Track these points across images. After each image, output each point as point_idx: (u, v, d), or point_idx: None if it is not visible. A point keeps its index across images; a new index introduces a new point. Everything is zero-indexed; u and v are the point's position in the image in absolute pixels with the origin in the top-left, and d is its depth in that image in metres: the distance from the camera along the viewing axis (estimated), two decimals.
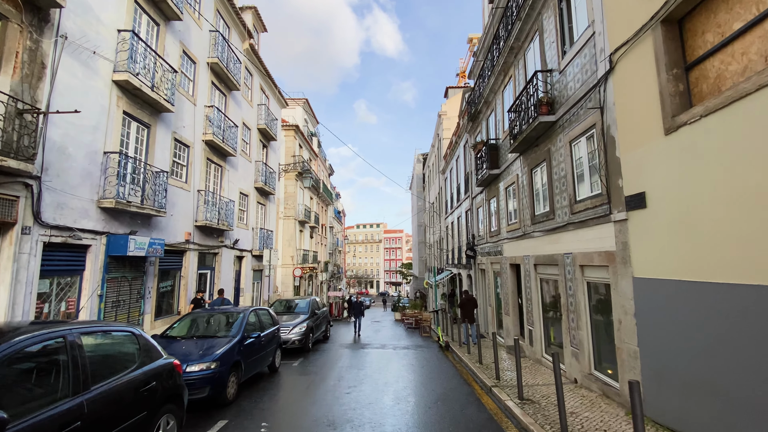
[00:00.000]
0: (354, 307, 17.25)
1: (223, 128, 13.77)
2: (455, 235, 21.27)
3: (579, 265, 6.91)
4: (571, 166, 7.21)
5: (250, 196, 16.65)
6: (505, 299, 11.71)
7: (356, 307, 17.08)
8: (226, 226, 13.57)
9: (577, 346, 7.02)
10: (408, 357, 11.17)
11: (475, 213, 15.98)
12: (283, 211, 24.50)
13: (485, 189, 14.04)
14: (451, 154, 22.79)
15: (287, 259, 24.22)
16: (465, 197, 18.09)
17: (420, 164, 46.23)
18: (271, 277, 19.54)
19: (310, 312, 12.71)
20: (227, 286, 14.24)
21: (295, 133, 25.22)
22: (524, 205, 9.80)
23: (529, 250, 9.50)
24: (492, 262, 13.15)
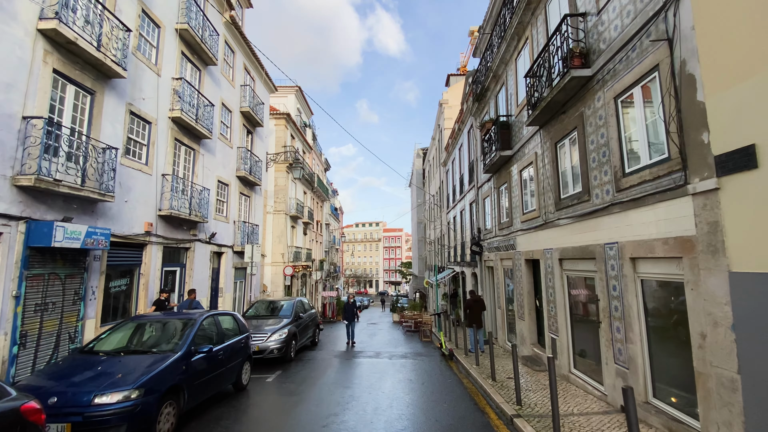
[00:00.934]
0: (346, 310, 14.57)
1: (197, 106, 12.11)
2: (458, 231, 19.61)
3: (629, 257, 5.25)
4: (617, 130, 5.54)
5: (231, 185, 14.98)
6: (519, 301, 10.06)
7: (348, 310, 14.47)
8: (199, 218, 11.92)
9: (625, 364, 5.37)
10: (406, 369, 9.52)
11: (481, 204, 14.33)
12: (273, 206, 22.83)
13: (494, 176, 12.38)
14: (453, 143, 21.13)
15: (277, 257, 22.56)
16: (469, 188, 16.44)
17: (420, 159, 44.59)
18: (258, 276, 17.89)
19: (294, 315, 11.05)
20: (202, 286, 12.58)
21: (286, 122, 23.55)
22: (545, 188, 8.14)
23: (551, 242, 7.84)
24: (502, 258, 11.49)
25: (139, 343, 5.79)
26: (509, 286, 11.35)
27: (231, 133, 15.17)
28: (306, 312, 12.36)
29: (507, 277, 11.51)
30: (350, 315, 14.46)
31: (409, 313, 19.54)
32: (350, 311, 14.56)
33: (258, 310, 11.57)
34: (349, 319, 14.39)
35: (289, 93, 26.71)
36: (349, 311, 14.55)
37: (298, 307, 11.71)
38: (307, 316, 12.27)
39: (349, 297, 15.49)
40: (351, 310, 14.59)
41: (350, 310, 14.60)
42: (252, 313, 11.42)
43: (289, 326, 10.49)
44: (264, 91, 19.19)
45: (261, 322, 10.57)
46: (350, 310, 14.58)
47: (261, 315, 11.23)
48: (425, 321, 15.68)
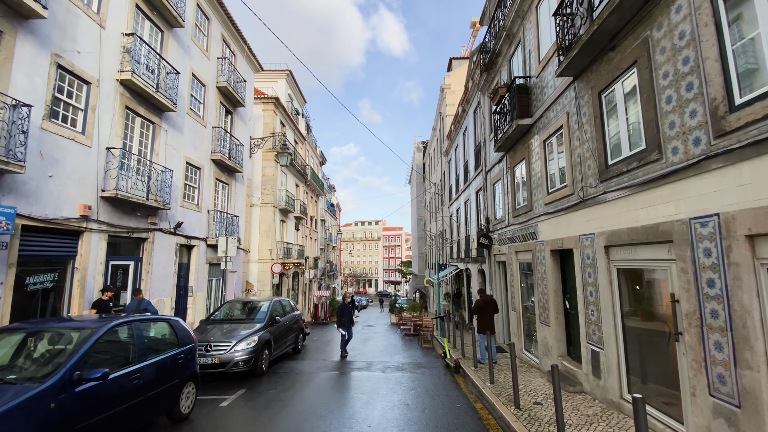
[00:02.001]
0: (341, 313, 11.18)
1: (157, 71, 10.27)
2: (461, 224, 17.74)
3: (743, 235, 3.39)
4: (716, 45, 3.68)
5: (204, 170, 13.13)
6: (541, 302, 8.19)
7: (345, 314, 11.14)
8: (160, 203, 10.08)
9: (733, 399, 3.51)
10: (402, 387, 7.65)
11: (490, 191, 12.46)
12: (260, 198, 20.97)
13: (507, 154, 10.51)
14: (456, 129, 19.27)
15: (265, 253, 20.71)
16: (475, 174, 14.58)
17: (420, 153, 42.74)
18: (239, 274, 16.05)
19: (268, 319, 9.19)
20: (165, 284, 10.73)
21: (275, 107, 21.69)
22: (583, 156, 6.28)
23: (593, 225, 5.98)
24: (518, 250, 9.63)
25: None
26: (527, 283, 9.49)
27: (205, 111, 13.31)
28: (286, 314, 10.50)
29: (524, 273, 9.65)
30: (347, 319, 11.14)
31: (408, 315, 17.68)
32: (347, 315, 11.23)
33: (226, 313, 9.70)
34: (345, 324, 11.02)
35: (279, 77, 24.85)
36: (346, 315, 11.19)
37: (274, 309, 9.85)
38: (287, 319, 10.40)
39: (345, 297, 12.26)
40: (348, 314, 11.32)
41: (347, 313, 11.27)
42: (218, 316, 9.55)
43: (261, 332, 8.62)
44: (247, 68, 17.33)
45: (227, 327, 8.70)
46: (347, 314, 11.25)
47: (229, 319, 9.36)
48: (426, 324, 13.81)
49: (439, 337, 14.18)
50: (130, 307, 8.19)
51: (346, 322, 11.16)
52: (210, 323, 9.07)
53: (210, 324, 9.02)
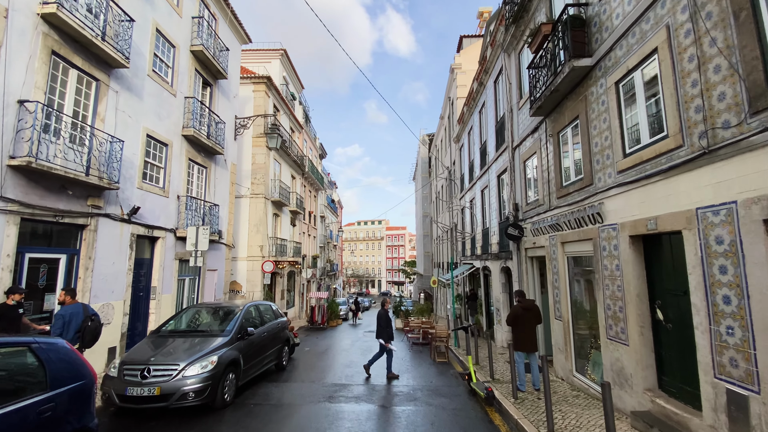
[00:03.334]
0: (388, 324, 8.88)
1: (103, 14, 8.08)
2: (477, 216, 15.45)
3: None
4: None
5: (173, 147, 10.91)
6: (611, 310, 5.89)
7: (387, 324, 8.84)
8: (105, 182, 7.89)
9: None
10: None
11: (520, 170, 10.18)
12: (250, 188, 18.77)
13: (547, 118, 8.22)
14: (469, 110, 16.99)
15: (254, 250, 18.50)
16: (497, 155, 12.29)
17: (425, 146, 40.41)
18: (222, 272, 13.83)
19: (237, 331, 6.93)
20: (114, 285, 8.53)
21: (266, 88, 19.49)
22: (710, 80, 3.99)
23: (732, 189, 3.70)
24: (566, 240, 7.33)
25: None
26: (582, 284, 7.19)
27: (174, 77, 11.10)
28: (265, 324, 8.23)
29: (576, 269, 7.36)
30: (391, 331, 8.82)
31: (416, 320, 15.39)
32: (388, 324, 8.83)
33: (182, 324, 7.42)
34: (389, 337, 8.71)
35: (273, 57, 22.65)
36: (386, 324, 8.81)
37: (247, 317, 7.58)
38: (266, 329, 8.14)
39: (386, 302, 9.48)
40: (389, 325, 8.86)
41: (388, 322, 8.86)
42: (173, 327, 7.28)
43: (225, 350, 6.38)
44: (231, 37, 15.10)
45: (179, 343, 6.46)
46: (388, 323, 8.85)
47: (184, 331, 7.09)
48: (439, 333, 11.50)
49: (455, 348, 11.90)
50: (75, 315, 5.96)
51: (390, 335, 8.79)
52: (159, 336, 6.83)
53: (159, 337, 6.78)
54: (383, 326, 8.82)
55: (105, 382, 5.89)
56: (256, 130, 19.09)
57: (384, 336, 8.75)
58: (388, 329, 8.80)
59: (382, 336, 8.78)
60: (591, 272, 6.65)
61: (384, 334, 8.76)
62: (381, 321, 8.92)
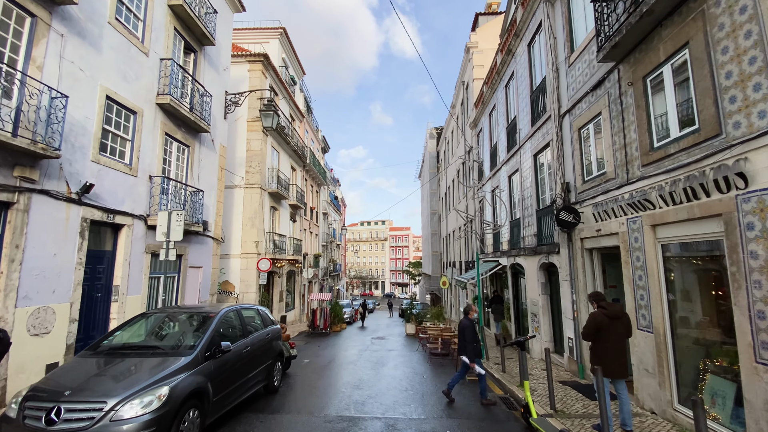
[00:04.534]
0: (474, 337, 6.87)
1: None
2: (503, 207, 13.44)
3: None
4: None
5: (144, 116, 8.98)
6: (765, 320, 3.86)
7: (473, 338, 6.86)
8: (40, 147, 5.97)
9: None
10: None
11: (572, 141, 8.17)
12: (244, 177, 16.84)
13: (625, 61, 6.20)
14: (490, 89, 15.01)
15: (249, 246, 16.55)
16: (533, 130, 10.30)
17: (433, 140, 38.46)
18: (208, 270, 11.87)
19: (205, 348, 4.92)
20: (55, 282, 6.58)
21: (263, 67, 17.58)
22: None
23: None
24: (661, 221, 5.31)
25: None
26: (692, 283, 5.17)
27: (147, 32, 9.17)
28: (248, 335, 6.23)
29: (678, 261, 5.33)
30: (471, 349, 6.82)
31: (434, 327, 13.36)
32: (475, 338, 6.88)
33: (132, 337, 5.41)
34: (470, 354, 6.80)
35: (271, 37, 20.75)
36: (473, 338, 6.85)
37: (222, 327, 5.58)
38: (249, 342, 6.14)
39: (470, 311, 7.10)
40: (473, 335, 6.88)
41: (475, 335, 6.91)
42: (117, 341, 5.25)
43: (184, 376, 4.39)
44: (221, 1, 13.17)
45: (119, 366, 4.48)
46: (475, 337, 6.89)
47: (132, 347, 5.06)
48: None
49: (484, 361, 9.86)
50: None
51: (478, 351, 6.80)
52: (95, 355, 4.84)
53: (95, 356, 4.80)
54: (468, 340, 6.80)
55: (1, 425, 3.94)
56: (252, 113, 17.20)
57: (470, 353, 6.74)
58: (474, 345, 6.76)
59: (466, 353, 6.80)
60: (714, 263, 4.64)
61: (470, 351, 6.74)
62: (465, 334, 6.86)
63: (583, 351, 7.66)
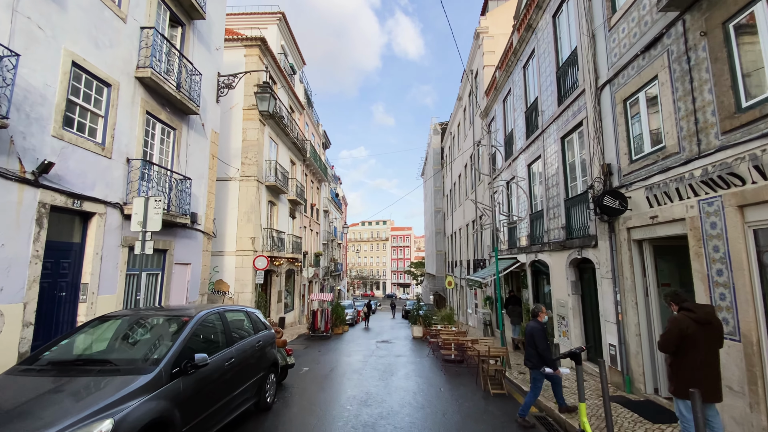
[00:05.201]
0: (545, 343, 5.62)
1: None
2: (520, 199, 12.32)
3: None
4: None
5: (120, 90, 7.86)
6: None
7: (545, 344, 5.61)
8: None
9: None
10: None
11: (615, 116, 7.05)
12: (240, 168, 15.74)
13: (693, 9, 5.08)
14: (505, 74, 13.91)
15: (245, 243, 15.44)
16: (560, 110, 9.17)
17: (438, 136, 37.34)
18: (196, 267, 10.75)
19: (171, 363, 3.78)
20: (6, 278, 5.47)
21: (261, 53, 16.49)
22: None
23: None
24: (755, 200, 4.19)
25: None
26: None
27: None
28: (233, 343, 5.07)
29: None
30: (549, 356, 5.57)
31: (446, 330, 12.22)
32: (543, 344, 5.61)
33: (80, 347, 4.25)
34: (551, 362, 5.51)
35: (269, 22, 19.64)
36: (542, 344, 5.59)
37: (197, 335, 4.43)
38: (234, 353, 4.98)
39: (540, 313, 5.87)
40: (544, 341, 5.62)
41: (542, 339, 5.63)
42: (61, 353, 4.10)
43: (138, 402, 3.26)
44: None
45: (52, 390, 3.34)
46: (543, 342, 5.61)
47: (77, 361, 3.91)
48: (494, 352, 8.18)
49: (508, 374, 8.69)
50: None
51: (550, 360, 5.51)
52: (28, 373, 3.70)
53: (27, 374, 3.66)
54: (543, 347, 5.52)
55: None
56: (248, 101, 16.10)
57: (549, 361, 5.48)
58: (545, 352, 5.51)
59: (545, 362, 5.49)
60: None
61: (548, 359, 5.48)
62: (536, 339, 5.56)
63: (630, 360, 6.52)
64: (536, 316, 5.88)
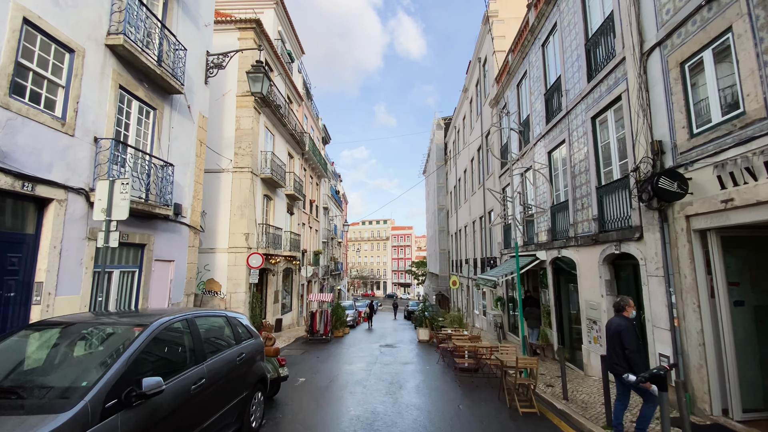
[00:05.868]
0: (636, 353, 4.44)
1: None
2: (538, 190, 11.23)
3: None
4: None
5: (86, 58, 6.77)
6: None
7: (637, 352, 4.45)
8: None
9: None
10: None
11: (670, 83, 5.95)
12: (233, 159, 14.65)
13: None
14: (519, 56, 12.85)
15: (238, 239, 14.34)
16: (591, 86, 8.08)
17: (440, 131, 36.23)
18: (180, 264, 9.67)
19: (105, 394, 2.69)
20: None
21: (256, 36, 15.41)
22: None
23: None
24: None
25: None
26: None
27: None
28: (205, 359, 3.97)
29: None
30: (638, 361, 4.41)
31: (458, 334, 11.11)
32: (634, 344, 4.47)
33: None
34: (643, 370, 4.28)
35: (266, 6, 18.52)
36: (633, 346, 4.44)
37: (151, 351, 3.30)
38: (206, 372, 3.88)
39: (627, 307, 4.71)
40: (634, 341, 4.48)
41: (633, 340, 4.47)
42: None
43: None
44: None
45: None
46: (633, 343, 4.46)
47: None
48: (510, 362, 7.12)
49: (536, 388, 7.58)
50: None
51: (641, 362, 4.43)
52: None
53: None
54: (632, 348, 4.40)
55: None
56: (242, 87, 15.01)
57: (637, 366, 4.34)
58: (634, 355, 4.38)
59: (633, 368, 4.38)
60: None
61: (638, 364, 4.35)
62: (624, 339, 4.44)
63: (691, 375, 5.42)
64: (622, 310, 4.79)
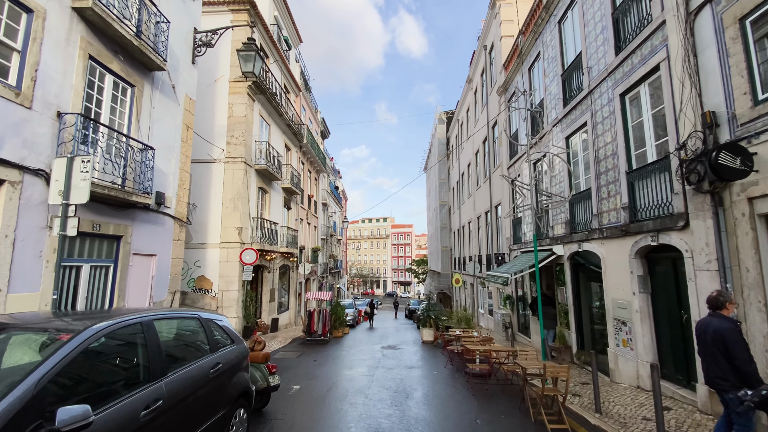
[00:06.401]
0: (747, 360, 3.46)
1: None
2: (554, 176, 10.37)
3: None
4: None
5: (47, 18, 5.88)
6: None
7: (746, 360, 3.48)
8: None
9: None
10: None
11: (725, 43, 5.08)
12: (225, 149, 13.77)
13: None
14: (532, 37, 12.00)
15: (230, 234, 13.47)
16: (622, 58, 7.20)
17: (443, 126, 35.34)
18: (164, 259, 8.78)
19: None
20: None
21: (250, 17, 14.51)
22: None
23: None
24: None
25: None
26: None
27: None
28: (166, 375, 3.11)
29: None
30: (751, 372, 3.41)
31: (468, 338, 10.25)
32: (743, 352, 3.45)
33: None
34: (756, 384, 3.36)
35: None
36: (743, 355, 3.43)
37: (71, 369, 2.41)
38: (165, 392, 3.03)
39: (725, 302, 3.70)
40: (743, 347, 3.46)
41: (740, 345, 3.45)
42: None
43: None
44: None
45: None
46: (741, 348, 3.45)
47: None
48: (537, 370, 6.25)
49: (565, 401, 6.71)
50: None
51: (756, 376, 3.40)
52: None
53: None
54: (743, 357, 3.43)
55: None
56: (234, 72, 14.11)
57: (754, 380, 3.36)
58: (747, 365, 3.41)
59: (747, 381, 3.38)
60: None
61: (753, 376, 3.37)
62: (730, 345, 3.47)
63: None
64: (721, 307, 3.71)
